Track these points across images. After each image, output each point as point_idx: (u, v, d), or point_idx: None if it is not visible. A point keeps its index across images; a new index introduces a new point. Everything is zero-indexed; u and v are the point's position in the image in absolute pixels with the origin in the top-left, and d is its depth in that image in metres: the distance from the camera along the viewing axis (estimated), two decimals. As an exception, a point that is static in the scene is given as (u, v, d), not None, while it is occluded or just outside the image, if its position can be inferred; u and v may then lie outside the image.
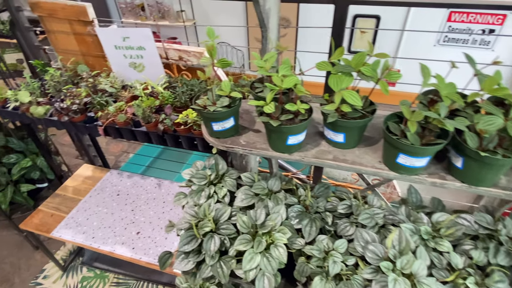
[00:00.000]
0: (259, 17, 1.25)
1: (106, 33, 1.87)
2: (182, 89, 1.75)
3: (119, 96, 1.80)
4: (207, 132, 1.14)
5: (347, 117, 0.92)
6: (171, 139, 1.67)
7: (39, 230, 2.01)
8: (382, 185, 2.22)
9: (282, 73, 0.94)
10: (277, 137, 0.97)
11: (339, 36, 1.51)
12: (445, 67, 0.93)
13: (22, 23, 2.17)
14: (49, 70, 1.88)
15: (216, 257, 0.97)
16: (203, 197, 1.13)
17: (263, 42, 1.37)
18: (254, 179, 1.15)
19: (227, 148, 1.08)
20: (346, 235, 1.01)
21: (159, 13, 4.49)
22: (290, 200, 1.09)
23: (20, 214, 2.68)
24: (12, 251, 2.64)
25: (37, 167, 2.34)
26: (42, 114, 1.73)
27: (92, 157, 2.81)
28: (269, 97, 0.91)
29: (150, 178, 2.37)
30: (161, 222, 2.03)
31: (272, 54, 1.03)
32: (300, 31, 4.18)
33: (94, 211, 2.11)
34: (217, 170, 1.21)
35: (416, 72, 0.87)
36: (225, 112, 1.02)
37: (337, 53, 0.94)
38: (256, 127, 1.15)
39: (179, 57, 1.97)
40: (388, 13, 3.72)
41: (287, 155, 1.01)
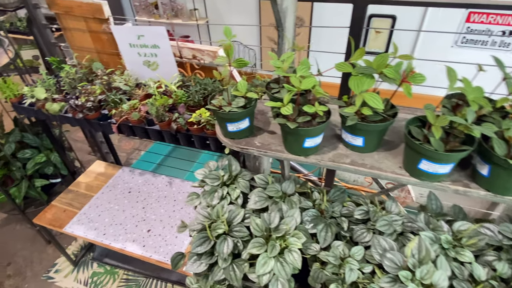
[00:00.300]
0: (276, 16, 1.23)
1: (121, 31, 1.88)
2: (195, 88, 1.74)
3: (133, 94, 1.80)
4: (221, 132, 1.12)
5: (367, 120, 0.90)
6: (183, 138, 1.66)
7: (52, 225, 2.03)
8: (396, 189, 2.17)
9: (300, 74, 0.91)
10: (293, 139, 0.94)
11: (357, 36, 1.47)
12: (464, 69, 0.89)
13: (39, 20, 2.20)
14: (65, 67, 1.90)
15: (229, 260, 0.96)
16: (216, 198, 1.11)
17: (279, 41, 1.35)
18: (268, 181, 1.13)
19: (242, 149, 1.06)
20: (363, 242, 0.98)
21: (172, 11, 4.51)
22: (304, 203, 1.06)
23: (34, 209, 2.73)
24: (25, 244, 2.68)
25: (51, 162, 2.37)
26: (57, 110, 1.74)
27: (105, 154, 2.84)
28: (287, 99, 0.89)
29: (161, 176, 2.38)
30: (172, 220, 2.03)
31: (289, 55, 1.01)
32: (314, 31, 4.13)
33: (106, 207, 2.13)
34: (230, 171, 1.19)
35: (433, 74, 0.84)
36: (241, 113, 1.00)
37: (357, 54, 0.91)
38: (271, 128, 1.13)
39: (193, 56, 1.96)
40: (405, 13, 3.64)
41: (303, 158, 0.98)
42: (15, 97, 1.90)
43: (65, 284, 2.40)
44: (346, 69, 0.89)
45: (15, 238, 2.73)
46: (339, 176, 3.15)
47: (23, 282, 2.43)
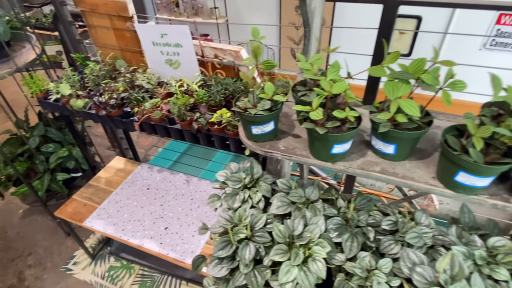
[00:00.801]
0: (304, 16, 1.20)
1: (144, 29, 1.89)
2: (217, 88, 1.72)
3: (155, 93, 1.81)
4: (245, 134, 1.11)
5: (400, 128, 0.85)
6: (204, 137, 1.65)
7: (73, 219, 2.07)
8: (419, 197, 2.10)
9: (331, 77, 0.88)
10: (321, 145, 0.91)
11: (386, 38, 1.42)
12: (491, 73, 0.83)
13: (65, 17, 2.24)
14: (89, 64, 1.93)
15: (250, 266, 0.94)
16: (238, 201, 1.09)
17: (306, 42, 1.32)
18: (291, 186, 1.10)
19: (265, 152, 1.04)
20: (390, 254, 0.94)
21: (192, 10, 4.53)
22: (329, 211, 1.03)
23: (55, 201, 2.80)
24: (45, 236, 2.75)
25: (73, 157, 2.42)
26: (81, 107, 1.77)
27: (124, 150, 2.88)
28: (316, 103, 0.86)
29: (179, 174, 2.39)
30: (189, 219, 2.03)
31: (318, 57, 0.97)
32: (334, 31, 4.06)
33: (124, 203, 2.15)
34: (252, 174, 1.17)
35: (459, 78, 0.79)
36: (266, 116, 0.98)
37: (391, 57, 0.87)
38: (295, 132, 1.10)
39: (215, 55, 1.95)
40: (431, 14, 3.53)
41: (330, 164, 0.95)
42: (41, 92, 1.94)
43: (83, 276, 2.45)
44: (380, 74, 0.85)
45: (36, 229, 2.81)
46: (356, 180, 3.09)
47: (42, 273, 2.50)
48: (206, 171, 3.73)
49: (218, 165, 3.92)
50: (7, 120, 4.33)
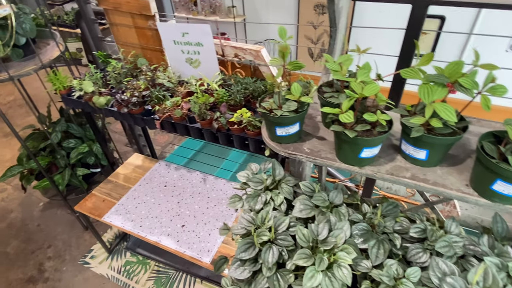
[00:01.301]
0: (331, 16, 1.17)
1: (166, 28, 1.89)
2: (237, 87, 1.72)
3: (175, 91, 1.82)
4: (268, 135, 1.09)
5: (434, 133, 0.82)
6: (223, 137, 1.65)
7: (92, 214, 2.11)
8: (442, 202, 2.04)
9: (361, 79, 0.86)
10: (349, 148, 0.89)
11: (414, 39, 1.38)
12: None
13: (88, 15, 2.28)
14: (111, 62, 1.95)
15: (273, 269, 0.93)
16: (259, 203, 1.08)
17: (331, 42, 1.29)
18: (314, 189, 1.08)
19: (289, 154, 1.02)
20: (418, 262, 0.91)
21: (210, 8, 4.54)
22: (354, 216, 1.01)
23: (75, 196, 2.86)
24: (64, 229, 2.82)
25: (93, 153, 2.47)
26: (103, 104, 1.79)
27: (141, 146, 2.92)
28: (346, 105, 0.84)
29: (196, 172, 2.40)
30: (205, 217, 2.04)
31: (347, 57, 0.95)
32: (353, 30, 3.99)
33: (142, 200, 2.18)
34: (273, 175, 1.16)
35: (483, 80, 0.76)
36: (292, 117, 0.96)
37: (425, 59, 0.84)
38: (320, 134, 1.08)
39: (235, 55, 1.94)
40: (455, 14, 3.42)
41: (357, 168, 0.93)
42: (64, 89, 1.98)
43: (99, 270, 2.50)
44: (414, 76, 0.82)
45: (56, 222, 2.88)
46: (374, 183, 3.03)
47: (61, 265, 2.56)
48: (221, 169, 3.74)
49: (232, 164, 3.92)
50: (29, 115, 4.46)
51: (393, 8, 3.75)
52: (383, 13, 3.72)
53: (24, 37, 1.89)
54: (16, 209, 3.03)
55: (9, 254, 2.66)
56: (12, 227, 2.87)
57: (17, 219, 2.93)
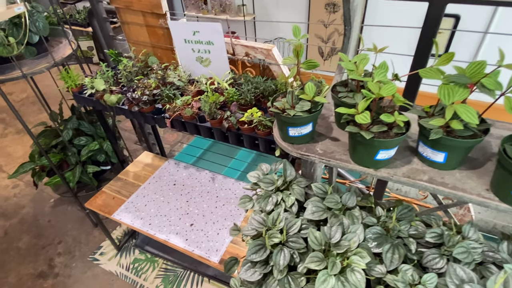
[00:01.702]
0: (346, 14, 1.15)
1: (177, 26, 1.89)
2: (247, 86, 1.70)
3: (185, 90, 1.81)
4: (280, 136, 1.07)
5: (453, 135, 0.79)
6: (233, 136, 1.64)
7: (102, 211, 2.12)
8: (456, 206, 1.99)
9: (378, 79, 0.83)
10: (364, 150, 0.87)
11: (431, 38, 1.34)
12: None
13: (100, 14, 2.29)
14: (123, 60, 1.96)
15: (284, 272, 0.91)
16: (270, 204, 1.07)
17: (345, 41, 1.27)
18: (326, 191, 1.06)
19: (302, 155, 1.00)
20: (434, 268, 0.89)
21: (220, 7, 4.53)
22: (368, 220, 0.98)
23: (85, 193, 2.89)
24: (74, 225, 2.85)
25: (103, 150, 2.48)
26: (114, 102, 1.80)
27: (151, 145, 2.93)
28: (362, 106, 0.81)
29: (204, 171, 2.39)
30: (214, 216, 2.03)
31: (363, 56, 0.93)
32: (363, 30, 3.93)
33: (151, 198, 2.18)
34: (284, 176, 1.14)
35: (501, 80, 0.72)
36: (306, 117, 0.94)
37: (444, 58, 0.81)
38: (333, 135, 1.06)
39: (246, 53, 1.93)
40: (471, 12, 3.34)
41: (372, 171, 0.90)
42: (75, 87, 1.99)
43: (108, 267, 2.52)
44: (434, 76, 0.79)
45: (66, 219, 2.91)
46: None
47: (71, 261, 2.59)
48: (229, 168, 3.74)
49: (240, 163, 3.92)
50: (41, 112, 4.53)
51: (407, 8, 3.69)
52: (395, 13, 3.65)
53: (37, 35, 1.91)
54: (28, 205, 3.07)
55: (21, 249, 2.70)
56: (24, 222, 2.92)
57: (29, 215, 2.98)
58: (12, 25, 1.79)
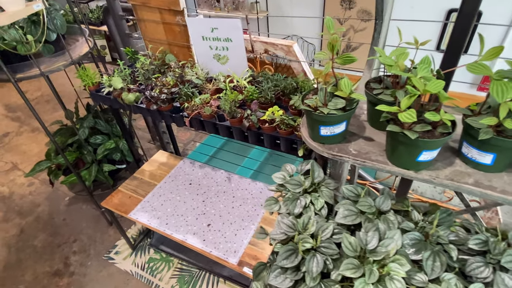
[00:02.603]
0: (378, 7, 1.09)
1: (195, 23, 1.86)
2: (267, 84, 1.66)
3: (203, 88, 1.78)
4: (309, 135, 1.03)
5: (504, 135, 0.74)
6: (253, 136, 1.60)
7: (118, 210, 2.11)
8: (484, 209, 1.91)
9: (422, 75, 0.78)
10: (406, 150, 0.81)
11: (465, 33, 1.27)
12: None
13: (116, 11, 2.27)
14: (140, 58, 1.93)
15: (317, 279, 0.86)
16: (299, 207, 1.02)
17: (375, 35, 1.21)
18: (359, 194, 1.01)
19: (334, 156, 0.95)
20: (479, 277, 0.83)
21: (233, 5, 4.49)
22: (405, 225, 0.93)
23: (100, 192, 2.89)
24: (89, 224, 2.85)
25: (119, 149, 2.47)
26: (132, 100, 1.77)
27: (165, 144, 2.91)
28: (406, 103, 0.76)
29: (220, 170, 2.36)
30: (231, 217, 1.99)
31: (402, 50, 0.87)
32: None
33: (168, 197, 2.16)
34: (312, 177, 1.09)
35: None
36: (340, 116, 0.89)
37: (490, 53, 0.75)
38: (367, 134, 1.01)
39: (265, 50, 1.88)
40: (492, 8, 3.22)
41: (413, 173, 0.85)
42: (92, 85, 1.98)
43: (124, 266, 2.51)
44: (482, 72, 0.73)
45: (81, 217, 2.92)
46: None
47: (86, 260, 2.59)
48: (242, 167, 3.70)
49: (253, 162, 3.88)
50: (56, 110, 4.56)
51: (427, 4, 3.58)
52: (414, 9, 3.56)
53: (55, 32, 1.90)
54: (43, 203, 3.09)
55: (37, 247, 2.72)
56: (40, 220, 2.93)
57: (44, 213, 3.00)
58: (31, 22, 1.78)
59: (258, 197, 2.12)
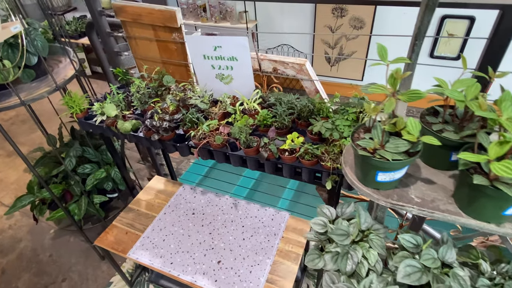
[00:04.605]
0: (423, 27, 0.96)
1: (195, 41, 1.69)
2: (282, 108, 1.51)
3: (209, 113, 1.61)
4: (359, 179, 0.88)
5: None
6: (270, 166, 1.44)
7: (115, 249, 1.89)
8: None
9: (508, 116, 0.65)
10: (491, 203, 0.68)
11: (502, 50, 1.18)
12: None
13: (103, 28, 2.07)
14: (135, 81, 1.74)
15: None
16: (351, 263, 0.87)
17: (413, 57, 1.08)
18: (419, 244, 0.87)
19: (394, 205, 0.81)
20: None
21: (220, 14, 4.34)
22: (481, 282, 0.79)
23: (91, 225, 2.63)
24: (79, 259, 2.60)
25: (111, 178, 2.25)
26: (128, 130, 1.58)
27: (159, 166, 2.70)
28: (496, 152, 0.63)
29: (225, 196, 2.18)
30: (243, 251, 1.82)
31: (471, 82, 0.74)
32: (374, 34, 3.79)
33: (170, 231, 1.96)
34: (359, 223, 0.95)
35: None
36: (405, 161, 0.75)
37: None
38: (423, 175, 0.87)
39: (274, 69, 1.74)
40: (485, 14, 3.23)
41: (494, 226, 0.72)
42: (81, 112, 1.77)
43: (121, 306, 2.28)
44: None
45: (69, 252, 2.65)
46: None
47: (79, 301, 2.33)
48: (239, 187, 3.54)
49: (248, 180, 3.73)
50: (33, 131, 4.24)
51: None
52: (407, 15, 3.52)
53: (35, 55, 1.68)
54: (25, 238, 2.80)
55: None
56: (23, 258, 2.64)
57: (27, 249, 2.71)
58: (7, 46, 1.56)
59: (270, 225, 1.95)
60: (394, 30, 3.66)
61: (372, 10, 3.60)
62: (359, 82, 4.11)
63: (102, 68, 2.57)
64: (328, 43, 4.06)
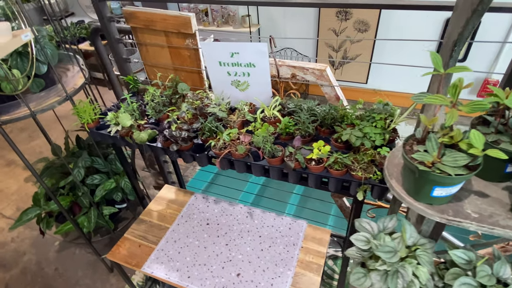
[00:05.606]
0: (467, 32, 0.93)
1: (211, 48, 1.65)
2: (305, 115, 1.47)
3: (228, 121, 1.56)
4: (409, 193, 0.83)
5: None
6: (294, 175, 1.40)
7: (129, 263, 1.82)
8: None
9: None
10: None
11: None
12: None
13: (112, 34, 2.01)
14: (149, 90, 1.68)
15: None
16: (402, 283, 0.82)
17: (451, 63, 1.04)
18: (471, 260, 0.83)
19: (450, 221, 0.77)
20: None
21: (222, 18, 4.30)
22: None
23: (100, 238, 2.56)
24: (86, 272, 2.51)
25: (120, 188, 2.18)
26: (145, 140, 1.52)
27: (166, 174, 2.64)
28: None
29: (239, 205, 2.12)
30: (262, 262, 1.76)
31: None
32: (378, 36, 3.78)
33: (184, 242, 1.90)
34: (404, 239, 0.90)
35: None
36: (466, 176, 0.71)
37: None
38: (476, 188, 0.83)
39: (292, 75, 1.70)
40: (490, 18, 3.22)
41: None
42: (92, 122, 1.70)
43: (132, 320, 2.20)
44: None
45: (75, 264, 2.57)
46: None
47: (87, 316, 2.25)
48: (245, 193, 3.50)
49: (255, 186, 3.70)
50: (32, 139, 4.15)
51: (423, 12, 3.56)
52: (411, 17, 3.52)
53: (45, 64, 1.62)
54: (29, 251, 2.71)
55: (26, 306, 2.35)
56: (27, 272, 2.55)
57: (32, 263, 2.62)
58: (16, 55, 1.49)
59: (288, 235, 1.90)
60: (399, 33, 3.65)
61: (377, 13, 3.59)
62: (364, 85, 4.10)
63: (107, 75, 2.51)
64: (332, 46, 4.04)
